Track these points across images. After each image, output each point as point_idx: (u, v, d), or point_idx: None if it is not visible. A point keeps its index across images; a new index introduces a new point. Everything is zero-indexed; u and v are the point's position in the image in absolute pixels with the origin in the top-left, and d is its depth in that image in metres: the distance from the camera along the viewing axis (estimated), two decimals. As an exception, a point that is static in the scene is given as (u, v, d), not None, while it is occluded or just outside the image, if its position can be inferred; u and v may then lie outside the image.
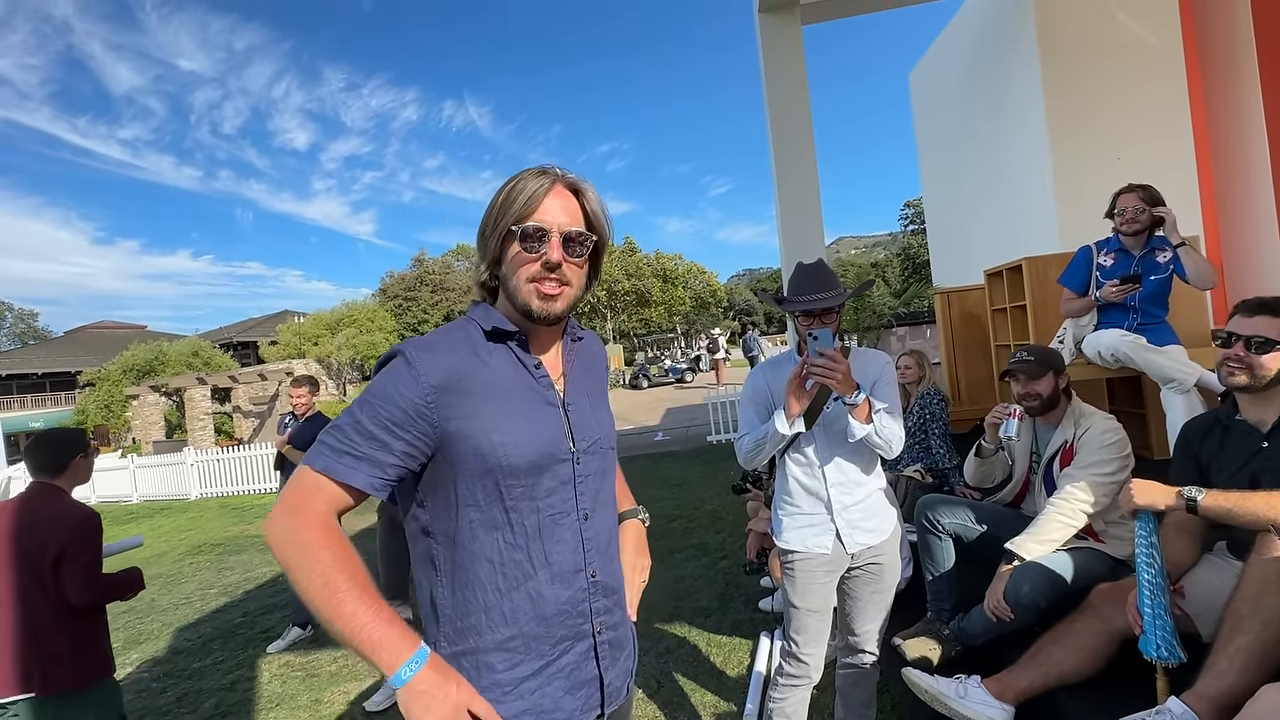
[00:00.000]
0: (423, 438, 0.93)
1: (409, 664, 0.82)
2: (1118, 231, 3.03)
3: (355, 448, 0.91)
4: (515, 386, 1.00)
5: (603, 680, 1.04)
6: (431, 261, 33.46)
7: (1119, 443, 2.03)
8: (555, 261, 0.97)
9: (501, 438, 0.94)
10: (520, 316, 1.02)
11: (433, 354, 0.95)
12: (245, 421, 21.39)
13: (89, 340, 36.67)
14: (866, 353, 1.97)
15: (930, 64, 8.22)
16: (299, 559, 0.86)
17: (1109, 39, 5.47)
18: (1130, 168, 5.10)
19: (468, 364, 0.97)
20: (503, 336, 1.02)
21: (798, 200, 5.71)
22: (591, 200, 1.04)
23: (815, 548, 1.86)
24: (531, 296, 0.98)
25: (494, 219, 0.99)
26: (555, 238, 0.97)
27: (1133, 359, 2.84)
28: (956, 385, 5.10)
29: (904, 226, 42.63)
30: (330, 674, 3.48)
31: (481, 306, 1.05)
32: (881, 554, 1.88)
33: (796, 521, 1.90)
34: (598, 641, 1.04)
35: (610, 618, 1.07)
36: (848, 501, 1.85)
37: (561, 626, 1.00)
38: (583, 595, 1.02)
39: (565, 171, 1.03)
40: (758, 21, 5.79)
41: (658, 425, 13.21)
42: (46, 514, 2.06)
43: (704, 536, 5.05)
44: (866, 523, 1.86)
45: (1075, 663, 1.75)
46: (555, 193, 1.00)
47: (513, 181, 0.99)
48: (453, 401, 0.93)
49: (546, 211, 0.98)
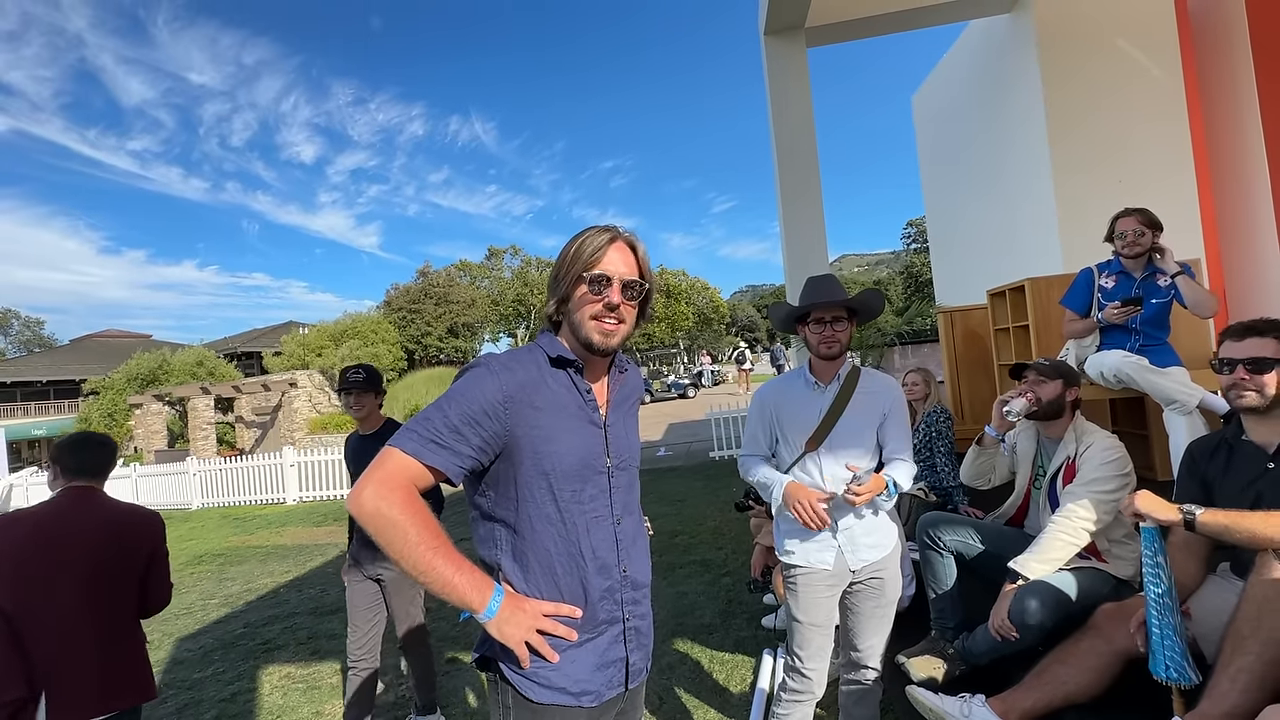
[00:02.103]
0: (494, 436, 1.10)
1: (494, 599, 1.06)
2: (1118, 255, 3.07)
3: (439, 436, 1.07)
4: (569, 406, 1.18)
5: (628, 661, 1.22)
6: (436, 274, 33.64)
7: (1119, 460, 2.05)
8: (616, 303, 1.17)
9: (553, 447, 1.13)
10: (580, 347, 1.20)
11: (508, 369, 1.14)
12: (247, 432, 21.40)
13: (94, 348, 36.81)
14: (876, 376, 1.98)
15: (932, 87, 8.34)
16: (391, 525, 1.02)
17: (1110, 64, 5.55)
18: (1132, 190, 5.16)
19: (535, 381, 1.16)
20: (564, 364, 1.19)
21: (801, 218, 5.77)
22: (643, 254, 1.23)
23: (818, 563, 1.88)
24: (594, 332, 1.17)
25: (566, 266, 1.18)
26: (616, 284, 1.17)
27: (1135, 380, 2.86)
28: (959, 404, 5.12)
29: (906, 245, 42.85)
30: (331, 686, 3.47)
31: (547, 335, 1.24)
32: (883, 569, 1.89)
33: (800, 538, 1.92)
34: (626, 627, 1.22)
35: (638, 608, 1.25)
36: (851, 520, 1.87)
37: (602, 611, 1.18)
38: (617, 586, 1.21)
39: (624, 230, 1.22)
40: (763, 44, 5.90)
41: (660, 441, 13.20)
42: (126, 517, 1.97)
43: (706, 553, 5.03)
44: (868, 539, 1.88)
45: (1080, 682, 1.75)
46: (616, 247, 1.19)
47: (582, 237, 1.19)
48: (520, 410, 1.12)
49: (610, 262, 1.17)
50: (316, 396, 20.84)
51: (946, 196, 8.44)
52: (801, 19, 5.68)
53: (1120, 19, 5.52)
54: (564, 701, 1.12)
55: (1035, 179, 5.85)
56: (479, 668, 1.19)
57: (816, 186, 5.84)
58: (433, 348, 29.66)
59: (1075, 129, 5.55)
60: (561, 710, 1.13)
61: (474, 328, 32.60)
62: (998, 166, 6.67)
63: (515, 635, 1.07)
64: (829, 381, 1.92)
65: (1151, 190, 5.25)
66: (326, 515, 9.46)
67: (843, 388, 1.90)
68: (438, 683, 3.01)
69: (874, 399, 1.90)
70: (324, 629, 4.38)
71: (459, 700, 3.14)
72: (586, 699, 1.14)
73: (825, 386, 1.92)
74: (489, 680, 1.20)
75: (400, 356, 24.46)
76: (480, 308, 32.80)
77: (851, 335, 1.91)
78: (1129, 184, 5.39)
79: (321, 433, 18.96)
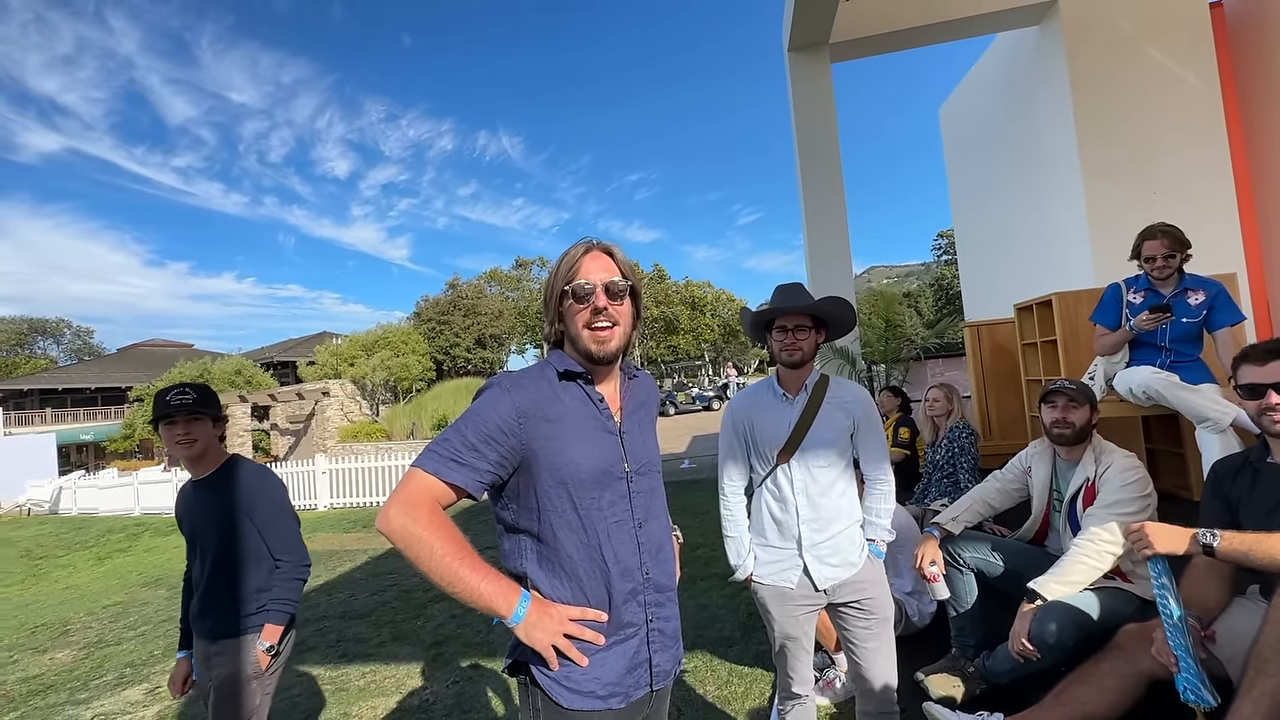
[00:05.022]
0: (511, 452, 1.15)
1: (520, 605, 1.11)
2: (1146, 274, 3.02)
3: (458, 455, 1.13)
4: (583, 416, 1.22)
5: (651, 662, 1.23)
6: (465, 286, 34.26)
7: (1140, 481, 2.02)
8: (601, 306, 1.20)
9: (570, 457, 1.17)
10: (583, 359, 1.24)
11: (520, 386, 1.19)
12: (282, 439, 22.00)
13: (140, 357, 38.34)
14: (846, 385, 1.93)
15: (960, 99, 8.29)
16: (417, 541, 1.07)
17: (1141, 73, 5.46)
18: (1167, 203, 5.06)
19: (546, 396, 1.20)
20: (572, 376, 1.24)
21: (826, 233, 5.79)
22: (621, 258, 1.27)
23: (782, 582, 1.86)
24: (589, 341, 1.21)
25: (551, 285, 1.25)
26: (599, 288, 1.21)
27: (1165, 396, 2.81)
28: (987, 420, 5.04)
29: (937, 256, 42.17)
30: (359, 688, 3.56)
31: (556, 353, 1.28)
32: (862, 588, 1.83)
33: (765, 555, 1.91)
34: (650, 629, 1.24)
35: (661, 611, 1.27)
36: (817, 539, 1.82)
37: (627, 614, 1.21)
38: (640, 589, 1.24)
39: (597, 240, 1.27)
40: (787, 60, 5.95)
41: (684, 453, 13.19)
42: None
43: (727, 566, 5.01)
44: (833, 558, 1.82)
45: (1101, 704, 1.73)
46: (591, 256, 1.24)
47: (562, 255, 1.25)
48: (535, 424, 1.16)
49: (588, 271, 1.22)
50: (348, 405, 21.35)
51: (974, 208, 8.35)
52: (825, 35, 5.73)
53: (1151, 27, 5.44)
54: (592, 706, 1.15)
55: (1065, 189, 5.77)
56: (510, 673, 1.22)
57: (840, 200, 5.85)
58: (460, 358, 30.15)
59: (1106, 138, 5.47)
60: (590, 716, 1.15)
61: (501, 339, 33.05)
62: (1026, 177, 6.58)
63: (542, 639, 1.11)
64: (796, 393, 1.88)
65: (1187, 200, 5.14)
66: (356, 521, 9.67)
67: (810, 398, 1.86)
68: None
69: (843, 408, 1.86)
70: (352, 633, 4.50)
71: (482, 706, 3.19)
72: (615, 700, 1.17)
73: (793, 398, 1.88)
74: (519, 684, 1.23)
75: (429, 367, 24.94)
76: (507, 319, 33.26)
77: (817, 345, 1.86)
78: (1164, 194, 5.28)
79: (352, 441, 19.41)
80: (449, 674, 3.60)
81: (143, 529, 11.34)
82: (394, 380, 23.00)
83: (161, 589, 6.67)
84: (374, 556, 6.99)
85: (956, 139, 8.68)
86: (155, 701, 3.76)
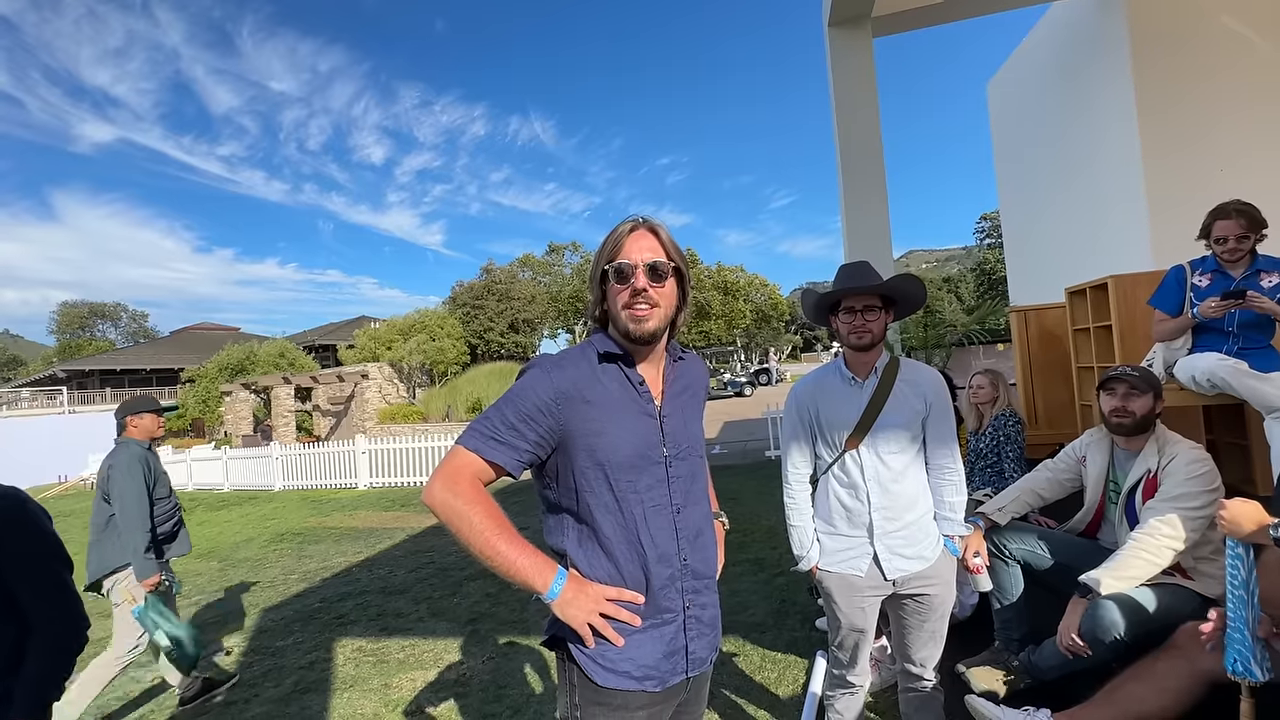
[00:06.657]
0: (550, 432, 1.16)
1: (556, 581, 1.12)
2: (1215, 256, 2.84)
3: (499, 434, 1.15)
4: (622, 398, 1.22)
5: (688, 649, 1.23)
6: (499, 271, 34.58)
7: (1208, 474, 1.91)
8: (642, 287, 1.19)
9: (607, 440, 1.17)
10: (624, 340, 1.23)
11: (560, 368, 1.20)
12: (323, 420, 22.72)
13: (190, 340, 39.95)
14: (917, 367, 1.84)
15: (1011, 72, 7.91)
16: (457, 514, 1.10)
17: (1210, 42, 5.11)
18: (1236, 180, 4.75)
19: (586, 378, 1.20)
20: (612, 358, 1.23)
21: (865, 213, 5.62)
22: (667, 237, 1.25)
23: (850, 570, 1.80)
24: (628, 320, 1.20)
25: (595, 265, 1.24)
26: (641, 269, 1.19)
27: (1232, 385, 2.65)
28: (1033, 408, 4.86)
29: (979, 240, 40.79)
30: (399, 661, 3.68)
31: (599, 334, 1.28)
32: (928, 583, 1.77)
33: (834, 544, 1.83)
34: (687, 616, 1.23)
35: (699, 598, 1.26)
36: (890, 528, 1.76)
37: (664, 599, 1.21)
38: (678, 575, 1.23)
39: (645, 218, 1.25)
40: (827, 35, 5.76)
41: (715, 439, 13.14)
42: None
43: (760, 551, 5.00)
44: (907, 549, 1.76)
45: (1157, 703, 1.66)
46: (636, 235, 1.22)
47: (609, 233, 1.24)
48: (573, 405, 1.17)
49: (631, 250, 1.21)
50: (386, 388, 21.89)
51: (1023, 188, 8.00)
52: (868, 8, 5.52)
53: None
54: (627, 685, 1.16)
55: (1123, 167, 5.46)
56: (548, 647, 1.24)
57: (881, 181, 5.67)
58: (494, 343, 30.51)
59: (1168, 112, 5.15)
60: (624, 694, 1.16)
61: (534, 324, 33.32)
62: (1081, 154, 6.26)
63: (578, 617, 1.12)
64: (866, 376, 1.80)
65: (1256, 177, 4.82)
66: (394, 501, 9.94)
67: (881, 381, 1.78)
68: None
69: (915, 389, 1.78)
70: (391, 607, 4.63)
71: (518, 681, 3.26)
72: (650, 683, 1.17)
73: (863, 382, 1.80)
74: (557, 659, 1.25)
75: (464, 351, 25.30)
76: (540, 304, 33.49)
77: (886, 326, 1.78)
78: (1231, 172, 4.96)
79: (390, 423, 19.91)
80: (485, 650, 3.68)
81: (196, 504, 11.87)
82: (430, 364, 23.42)
83: (213, 560, 7.00)
84: (412, 535, 7.18)
85: (1005, 115, 8.30)
86: (209, 667, 3.94)
